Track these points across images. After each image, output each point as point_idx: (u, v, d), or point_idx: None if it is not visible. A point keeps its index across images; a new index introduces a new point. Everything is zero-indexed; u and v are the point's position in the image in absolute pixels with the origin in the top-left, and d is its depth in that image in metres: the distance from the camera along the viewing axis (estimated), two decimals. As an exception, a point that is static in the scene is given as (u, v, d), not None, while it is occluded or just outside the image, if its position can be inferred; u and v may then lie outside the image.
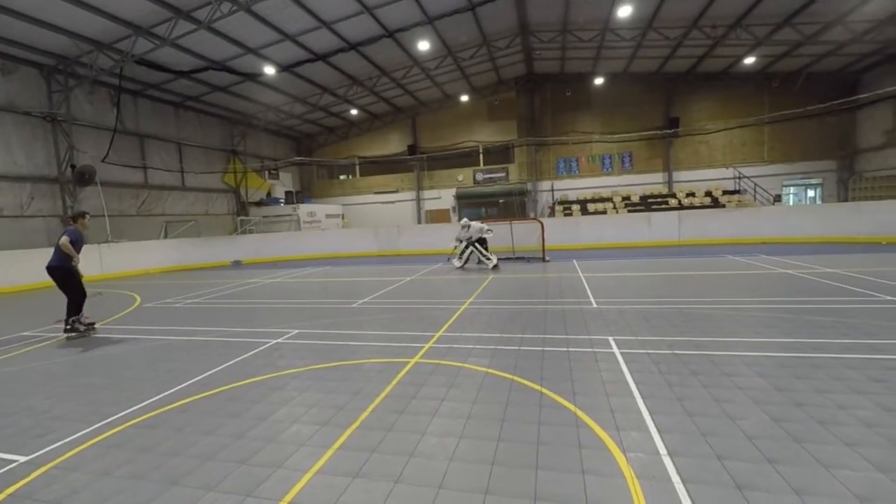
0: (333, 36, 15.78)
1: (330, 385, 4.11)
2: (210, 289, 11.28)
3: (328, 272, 13.83)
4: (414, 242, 18.87)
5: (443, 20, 15.94)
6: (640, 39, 18.04)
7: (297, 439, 3.12)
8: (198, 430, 3.33)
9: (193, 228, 20.44)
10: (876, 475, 2.37)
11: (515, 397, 3.62)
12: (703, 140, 22.60)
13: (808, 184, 22.39)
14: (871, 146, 19.93)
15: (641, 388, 3.67)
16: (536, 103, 24.70)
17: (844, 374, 3.71)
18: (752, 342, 4.72)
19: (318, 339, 5.83)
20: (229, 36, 14.62)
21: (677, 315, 5.99)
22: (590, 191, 24.35)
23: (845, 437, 2.75)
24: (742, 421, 3.03)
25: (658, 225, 16.50)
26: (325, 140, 28.58)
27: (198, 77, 16.99)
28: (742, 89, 21.76)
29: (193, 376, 4.54)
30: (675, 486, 2.38)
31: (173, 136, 20.08)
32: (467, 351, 4.91)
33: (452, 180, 26.76)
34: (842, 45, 17.21)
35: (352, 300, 8.49)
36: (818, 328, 5.05)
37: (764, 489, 2.31)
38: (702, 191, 22.17)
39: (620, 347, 4.74)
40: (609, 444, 2.84)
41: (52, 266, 6.55)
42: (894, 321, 5.15)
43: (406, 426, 3.23)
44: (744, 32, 16.65)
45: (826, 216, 15.20)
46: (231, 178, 23.35)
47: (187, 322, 7.35)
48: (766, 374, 3.81)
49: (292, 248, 19.80)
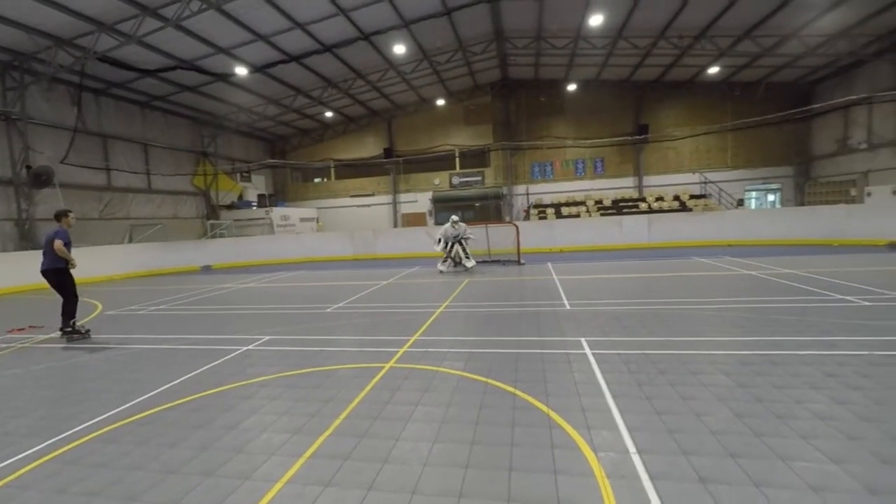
0: (308, 37, 15.58)
1: (302, 392, 4.03)
2: (178, 295, 10.90)
3: (302, 276, 13.59)
4: (390, 246, 18.76)
5: (419, 24, 15.99)
6: (610, 48, 18.55)
7: (267, 448, 3.04)
8: (161, 443, 3.20)
9: (160, 232, 19.72)
10: (829, 466, 2.49)
11: (489, 400, 3.64)
12: (670, 146, 23.38)
13: (768, 188, 23.48)
14: (825, 153, 21.09)
15: (612, 387, 3.75)
16: (511, 108, 25.04)
17: (801, 370, 3.89)
18: (717, 341, 4.90)
19: (291, 345, 5.71)
20: (199, 35, 14.23)
21: (647, 315, 6.16)
22: (564, 194, 24.82)
23: (801, 431, 2.88)
24: (707, 417, 3.13)
25: (629, 228, 16.94)
26: (299, 142, 28.14)
27: (165, 76, 16.45)
28: (707, 98, 22.66)
29: (157, 386, 4.37)
30: (643, 483, 2.43)
31: (139, 137, 19.36)
32: (442, 355, 4.91)
33: (429, 184, 26.78)
34: (797, 58, 18.16)
35: (326, 305, 8.36)
36: (778, 326, 5.28)
37: (726, 482, 2.39)
38: (670, 195, 22.92)
39: (592, 348, 4.83)
40: (581, 443, 2.88)
41: (47, 269, 6.50)
42: (845, 319, 5.44)
43: (380, 432, 3.20)
44: (708, 43, 17.36)
45: (784, 219, 15.95)
46: (201, 181, 22.68)
47: (152, 330, 7.08)
48: (729, 371, 3.96)
49: (265, 252, 19.36)
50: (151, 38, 13.54)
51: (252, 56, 16.24)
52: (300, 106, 22.60)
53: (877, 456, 2.55)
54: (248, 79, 17.94)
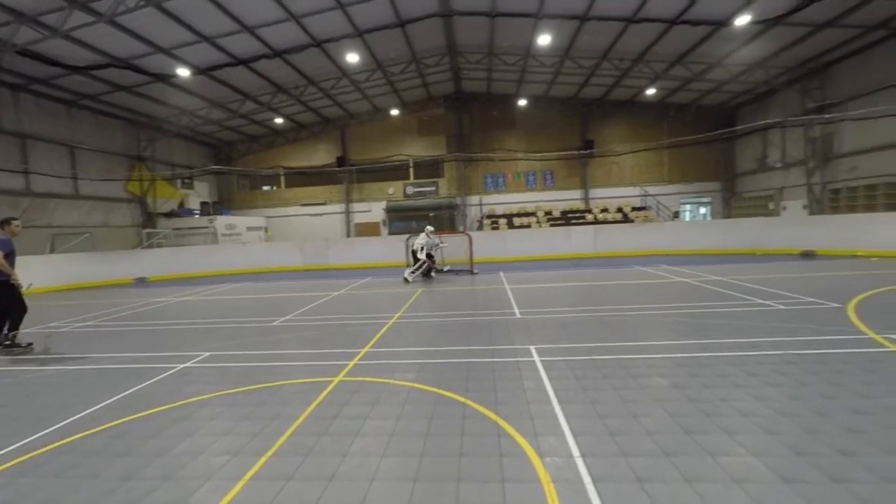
0: (256, 41, 15.10)
1: (244, 411, 3.82)
2: (107, 310, 10.04)
3: (248, 288, 12.97)
4: (343, 256, 18.37)
5: (372, 34, 15.98)
6: (558, 67, 19.47)
7: (203, 473, 2.85)
8: (79, 474, 2.91)
9: (88, 242, 18.14)
10: (750, 459, 2.70)
11: (440, 411, 3.63)
12: (614, 161, 24.78)
13: (700, 202, 25.44)
14: (747, 171, 23.21)
15: (559, 394, 3.86)
16: (465, 120, 25.53)
17: (726, 370, 4.21)
18: (654, 345, 5.19)
19: (233, 361, 5.41)
20: (136, 32, 13.37)
21: (592, 322, 6.43)
22: (515, 205, 25.52)
23: (726, 427, 3.11)
24: (644, 418, 3.30)
25: (577, 238, 17.67)
26: (246, 148, 27.05)
27: (97, 74, 15.32)
28: (646, 117, 24.29)
29: (77, 412, 3.98)
30: (585, 486, 2.52)
31: (64, 139, 17.80)
32: (393, 366, 4.85)
33: (383, 193, 26.60)
34: (722, 83, 19.95)
35: (273, 318, 8.02)
36: (708, 330, 5.69)
37: (661, 480, 2.53)
38: (614, 207, 24.20)
39: (541, 356, 4.96)
40: (528, 450, 2.94)
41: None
42: (765, 322, 5.96)
43: (326, 449, 3.09)
44: (645, 67, 18.67)
45: (714, 231, 17.29)
46: (136, 187, 21.15)
47: (75, 349, 6.46)
48: (665, 374, 4.20)
49: (208, 262, 18.31)
50: (81, 32, 12.60)
51: (195, 57, 15.50)
52: (248, 111, 21.77)
53: (791, 448, 2.80)
54: (190, 81, 17.08)
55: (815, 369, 4.10)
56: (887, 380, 3.77)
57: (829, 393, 3.57)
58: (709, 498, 2.35)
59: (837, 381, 3.79)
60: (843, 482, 2.43)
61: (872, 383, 3.72)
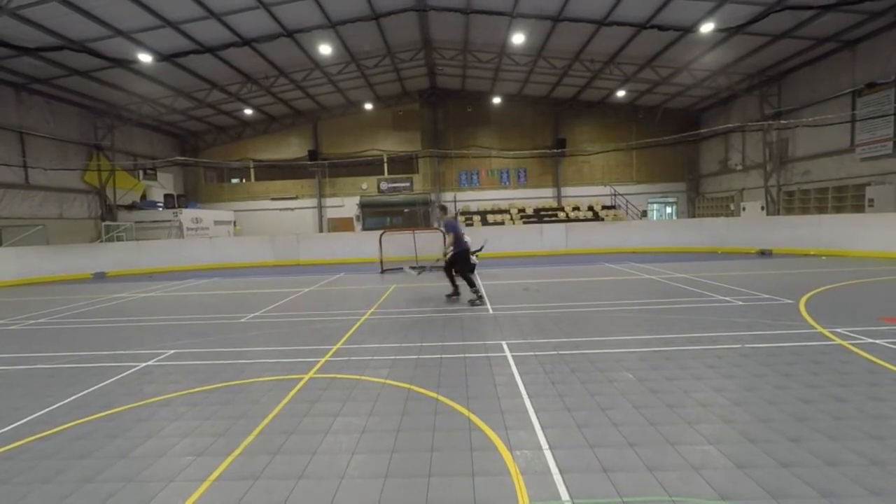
0: (224, 28, 14.56)
1: (209, 410, 3.72)
2: (62, 306, 9.52)
3: (215, 284, 12.57)
4: (315, 252, 18.05)
5: (346, 26, 15.69)
6: (532, 66, 19.67)
7: (165, 475, 2.76)
8: (32, 479, 2.77)
9: (41, 234, 17.11)
10: (708, 447, 2.83)
11: (412, 406, 3.64)
12: (585, 160, 25.31)
13: (666, 202, 26.33)
14: (710, 172, 24.19)
15: (529, 388, 3.93)
16: (440, 116, 25.48)
17: (688, 363, 4.40)
18: (621, 340, 5.36)
19: (199, 359, 5.25)
20: (92, 13, 12.61)
21: (562, 318, 6.57)
22: (489, 202, 25.72)
23: (687, 417, 3.25)
24: (610, 411, 3.41)
25: (549, 235, 17.99)
26: (214, 139, 26.13)
27: (49, 56, 14.40)
28: (615, 118, 24.91)
29: (28, 414, 3.77)
30: (553, 477, 2.58)
31: (13, 124, 16.69)
32: (365, 363, 4.82)
33: (356, 188, 26.27)
34: (687, 88, 20.67)
35: (241, 314, 7.81)
36: (671, 325, 5.91)
37: (625, 470, 2.62)
38: (585, 205, 24.76)
39: (512, 351, 5.04)
40: (498, 444, 2.98)
41: None
42: (724, 317, 6.24)
43: (295, 447, 3.05)
44: (616, 69, 19.11)
45: (678, 229, 17.96)
46: (94, 177, 20.07)
47: (25, 347, 6.10)
48: (630, 367, 4.35)
49: (172, 257, 17.63)
50: (31, 12, 11.81)
51: (158, 43, 14.80)
52: (215, 101, 20.99)
53: (745, 436, 2.95)
54: (153, 67, 16.31)
55: (769, 361, 4.34)
56: (832, 371, 4.03)
57: (780, 383, 3.79)
58: (669, 485, 2.46)
59: (788, 373, 4.02)
60: (790, 466, 2.58)
61: (819, 374, 3.96)
